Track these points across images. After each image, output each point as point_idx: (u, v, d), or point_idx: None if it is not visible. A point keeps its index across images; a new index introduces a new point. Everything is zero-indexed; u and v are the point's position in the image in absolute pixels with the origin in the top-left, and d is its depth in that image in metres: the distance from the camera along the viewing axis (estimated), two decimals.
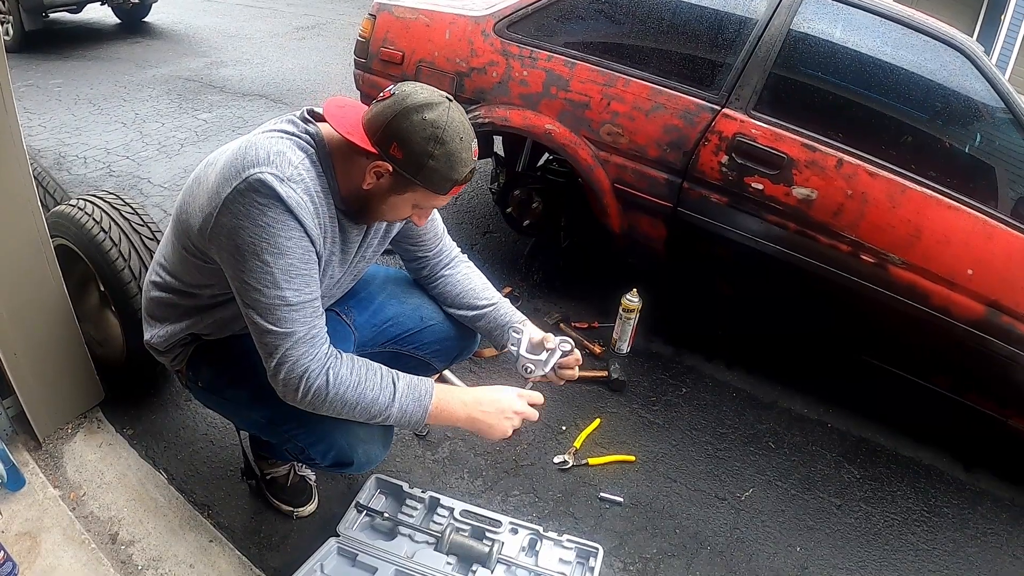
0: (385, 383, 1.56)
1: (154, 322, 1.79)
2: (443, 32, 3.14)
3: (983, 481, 2.82)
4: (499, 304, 1.95)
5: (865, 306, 2.69)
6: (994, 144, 2.76)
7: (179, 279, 1.67)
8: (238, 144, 1.49)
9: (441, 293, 2.00)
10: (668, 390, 2.99)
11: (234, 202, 1.39)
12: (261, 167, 1.39)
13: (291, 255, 1.43)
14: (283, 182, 1.40)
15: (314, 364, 1.48)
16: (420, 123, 1.41)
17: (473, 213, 4.25)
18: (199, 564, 1.95)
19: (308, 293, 1.48)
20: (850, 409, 3.05)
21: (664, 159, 2.81)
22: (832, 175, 2.59)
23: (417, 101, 1.42)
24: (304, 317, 1.47)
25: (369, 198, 1.54)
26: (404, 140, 1.42)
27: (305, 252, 1.46)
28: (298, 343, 1.47)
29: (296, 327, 1.46)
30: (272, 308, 1.44)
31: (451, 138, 1.43)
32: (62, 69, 6.16)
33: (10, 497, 2.00)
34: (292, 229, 1.41)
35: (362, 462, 1.72)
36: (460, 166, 1.47)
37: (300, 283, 1.46)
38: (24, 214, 1.95)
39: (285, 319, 1.45)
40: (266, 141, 1.46)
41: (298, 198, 1.41)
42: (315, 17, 9.37)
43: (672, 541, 2.29)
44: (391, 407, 1.56)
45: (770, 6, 2.78)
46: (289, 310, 1.45)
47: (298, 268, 1.45)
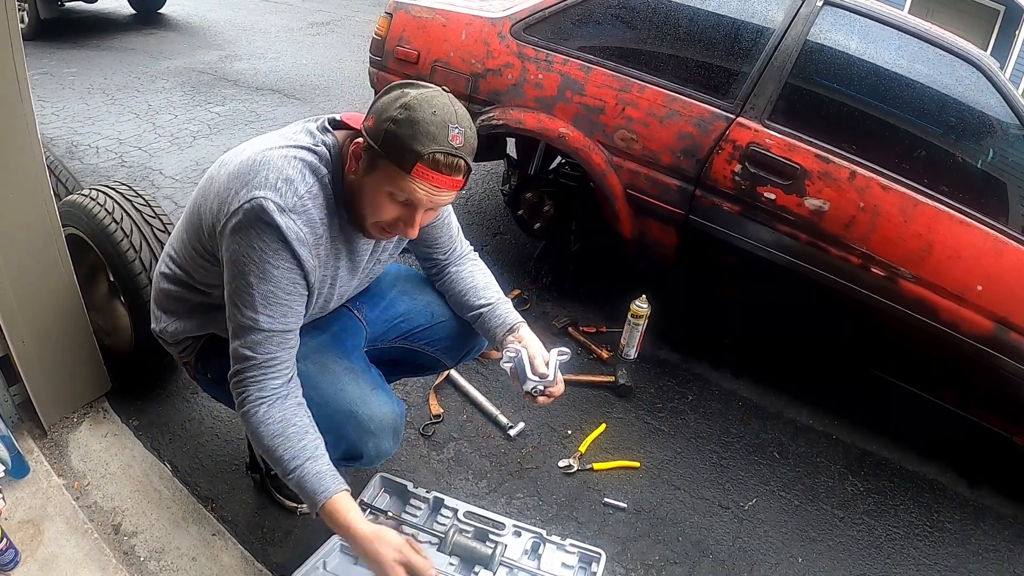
0: (299, 455, 1.50)
1: (163, 315, 1.80)
2: (459, 33, 3.14)
3: (987, 497, 2.81)
4: (494, 305, 1.92)
5: (874, 319, 2.68)
6: (1007, 160, 2.75)
7: (189, 274, 1.68)
8: (252, 152, 1.50)
9: (445, 291, 2.00)
10: (674, 397, 2.98)
11: (235, 219, 1.42)
12: (267, 192, 1.41)
13: (275, 283, 1.46)
14: (283, 212, 1.41)
15: (256, 392, 1.51)
16: (398, 95, 1.39)
17: (484, 214, 4.25)
18: (201, 557, 1.95)
19: (282, 323, 1.50)
20: (856, 421, 3.04)
21: (677, 166, 2.80)
22: (845, 187, 2.59)
23: (409, 82, 1.42)
24: (269, 345, 1.50)
25: (353, 189, 1.50)
26: (377, 110, 1.41)
27: (291, 284, 1.48)
28: (252, 367, 1.51)
29: (257, 352, 1.50)
30: (243, 327, 1.49)
31: (420, 107, 1.36)
32: (76, 58, 6.18)
33: (14, 485, 2.01)
34: (283, 260, 1.44)
35: (372, 456, 1.72)
36: (424, 137, 1.35)
37: (277, 311, 1.49)
38: (36, 202, 1.95)
39: (251, 341, 1.49)
40: (279, 161, 1.45)
41: (297, 230, 1.43)
42: (329, 13, 9.39)
43: (675, 548, 2.29)
44: (290, 479, 1.52)
45: (787, 16, 2.77)
46: (258, 333, 1.48)
47: (279, 297, 1.47)
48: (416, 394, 2.70)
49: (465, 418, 2.65)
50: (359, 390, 1.69)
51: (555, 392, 1.83)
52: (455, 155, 1.39)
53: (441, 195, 1.45)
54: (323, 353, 1.73)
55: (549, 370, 1.80)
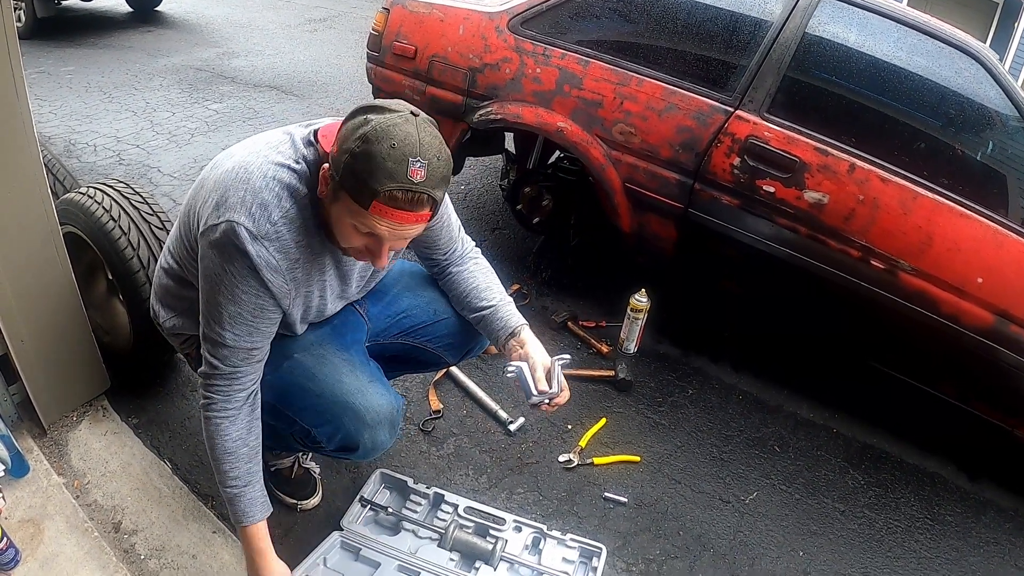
0: (242, 477, 1.62)
1: (163, 309, 1.84)
2: (457, 27, 3.13)
3: (988, 491, 2.81)
4: (496, 308, 1.90)
5: (874, 312, 2.68)
6: (1006, 152, 2.74)
7: (184, 268, 1.69)
8: (236, 162, 1.47)
9: (447, 290, 2.00)
10: (674, 391, 2.98)
11: (211, 235, 1.43)
12: (241, 217, 1.40)
13: (242, 306, 1.48)
14: (255, 240, 1.41)
15: (220, 401, 1.58)
16: (360, 122, 1.31)
17: (483, 209, 4.24)
18: (201, 555, 1.95)
19: (247, 342, 1.54)
20: (856, 415, 3.04)
21: (676, 160, 2.80)
22: (844, 180, 2.58)
23: (374, 103, 1.35)
24: (234, 359, 1.55)
25: (325, 212, 1.46)
26: (340, 138, 1.34)
27: (257, 308, 1.50)
28: (219, 376, 1.56)
29: (224, 364, 1.55)
30: (211, 339, 1.54)
31: (378, 139, 1.27)
32: (73, 56, 6.17)
33: (14, 484, 2.01)
34: (250, 285, 1.46)
35: (368, 448, 1.73)
36: (382, 175, 1.28)
37: (243, 331, 1.52)
38: (34, 201, 1.95)
39: (219, 353, 1.54)
40: (258, 181, 1.42)
41: (268, 257, 1.43)
42: (327, 9, 9.37)
43: (675, 543, 2.29)
44: (226, 491, 1.63)
45: (786, 9, 2.76)
46: (222, 348, 1.53)
47: (245, 318, 1.50)
48: (416, 390, 2.70)
49: (465, 413, 2.65)
50: (357, 382, 1.69)
51: (560, 401, 1.84)
52: (415, 191, 1.31)
53: (405, 229, 1.39)
54: (323, 345, 1.73)
55: (552, 383, 1.80)
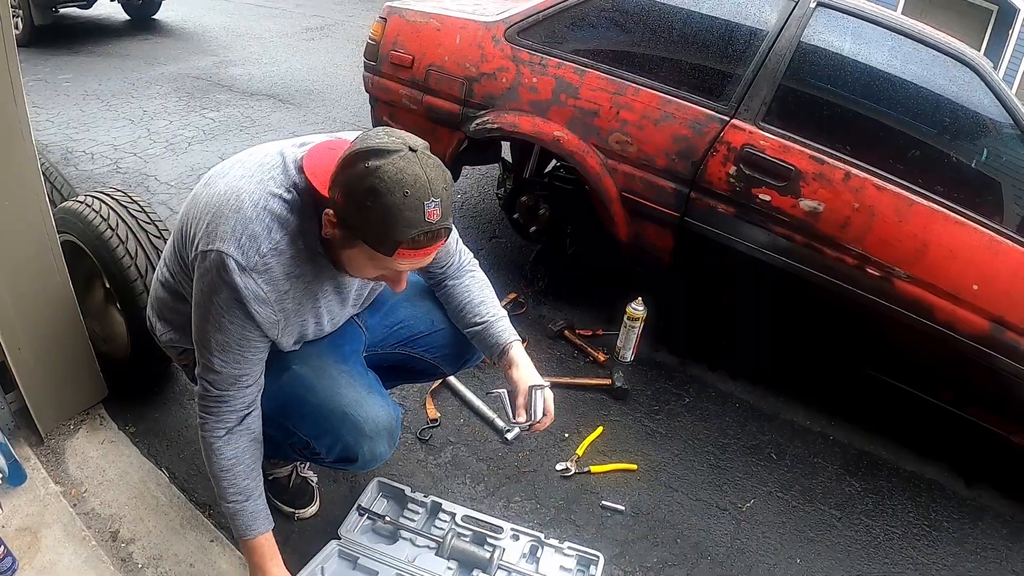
0: (242, 492, 1.65)
1: (159, 322, 1.84)
2: (454, 37, 3.15)
3: (984, 497, 2.81)
4: (489, 324, 1.90)
5: (870, 319, 2.69)
6: (1001, 159, 2.75)
7: (179, 283, 1.69)
8: (230, 184, 1.45)
9: (443, 303, 2.00)
10: (671, 399, 2.98)
11: (200, 262, 1.44)
12: (229, 248, 1.39)
13: (229, 336, 1.49)
14: (244, 272, 1.41)
15: (213, 422, 1.60)
16: (362, 171, 1.27)
17: (479, 218, 4.25)
18: (199, 563, 1.95)
19: (235, 368, 1.55)
20: (853, 422, 3.05)
21: (672, 169, 2.81)
22: (839, 188, 2.59)
23: (370, 145, 1.28)
24: (223, 384, 1.56)
25: (331, 248, 1.48)
26: (345, 189, 1.31)
27: (243, 339, 1.51)
28: (210, 399, 1.58)
29: (215, 387, 1.57)
30: (201, 362, 1.57)
31: (389, 190, 1.25)
32: (71, 64, 6.17)
33: (11, 492, 2.00)
34: (236, 316, 1.47)
35: (367, 459, 1.73)
36: (402, 224, 1.28)
37: (230, 359, 1.53)
38: (32, 209, 1.95)
39: (207, 377, 1.56)
40: (249, 211, 1.40)
41: (256, 290, 1.43)
42: (324, 18, 9.39)
43: (673, 551, 2.29)
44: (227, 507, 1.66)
45: (781, 18, 2.78)
46: (211, 373, 1.55)
47: (231, 347, 1.51)
48: (413, 398, 2.70)
49: (462, 422, 2.65)
50: (355, 393, 1.70)
51: (539, 428, 1.87)
52: (434, 230, 1.32)
53: (425, 260, 1.42)
54: (321, 357, 1.73)
55: (531, 412, 1.82)
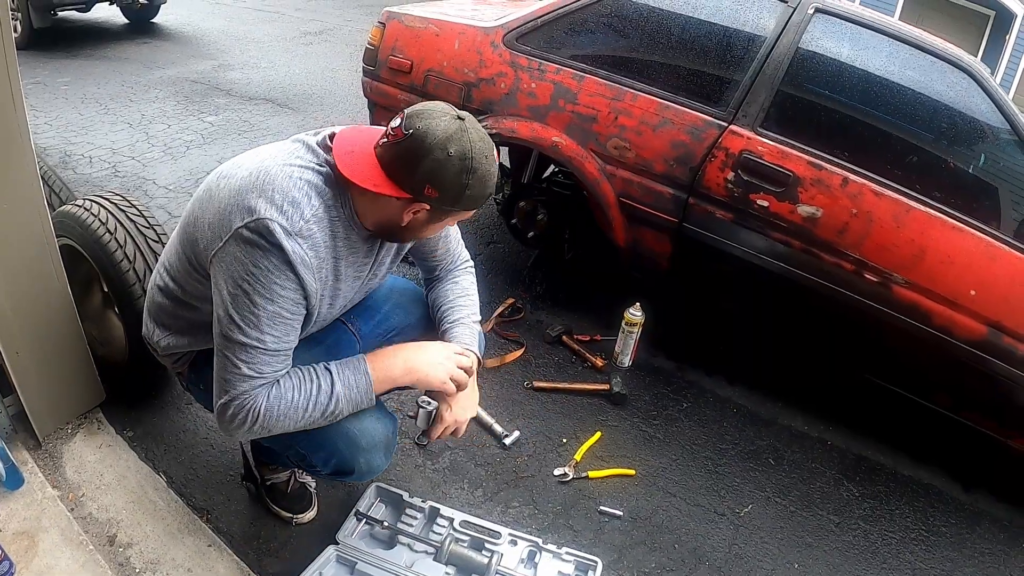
0: (317, 372, 1.57)
1: (157, 328, 1.81)
2: (452, 42, 3.15)
3: (981, 501, 2.82)
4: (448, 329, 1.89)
5: (868, 325, 2.69)
6: (998, 165, 2.76)
7: (182, 288, 1.67)
8: (253, 167, 1.49)
9: (429, 300, 2.01)
10: (669, 404, 2.98)
11: (241, 238, 1.41)
12: (272, 214, 1.41)
13: (281, 303, 1.45)
14: (290, 236, 1.41)
15: (262, 399, 1.50)
16: (447, 161, 1.40)
17: (477, 223, 4.25)
18: (197, 568, 1.95)
19: (286, 342, 1.50)
20: (850, 427, 3.05)
21: (670, 174, 2.81)
22: (837, 194, 2.60)
23: (436, 138, 1.40)
24: (274, 362, 1.50)
25: (408, 229, 1.57)
26: (437, 181, 1.42)
27: (294, 304, 1.48)
28: (260, 387, 1.50)
29: (265, 371, 1.49)
30: (247, 348, 1.46)
31: (479, 163, 1.44)
32: (69, 68, 6.18)
33: (8, 496, 2.00)
34: (288, 281, 1.44)
35: (363, 471, 1.73)
36: (490, 180, 1.49)
37: (282, 331, 1.48)
38: (30, 213, 1.95)
39: (257, 361, 1.48)
40: (284, 181, 1.45)
41: (303, 254, 1.44)
42: (322, 23, 9.40)
43: (671, 556, 2.29)
44: (334, 389, 1.56)
45: (779, 24, 2.79)
46: (263, 353, 1.48)
47: (284, 317, 1.47)
48: (411, 404, 2.69)
49: None
50: None
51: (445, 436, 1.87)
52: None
53: None
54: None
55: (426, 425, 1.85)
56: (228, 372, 1.48)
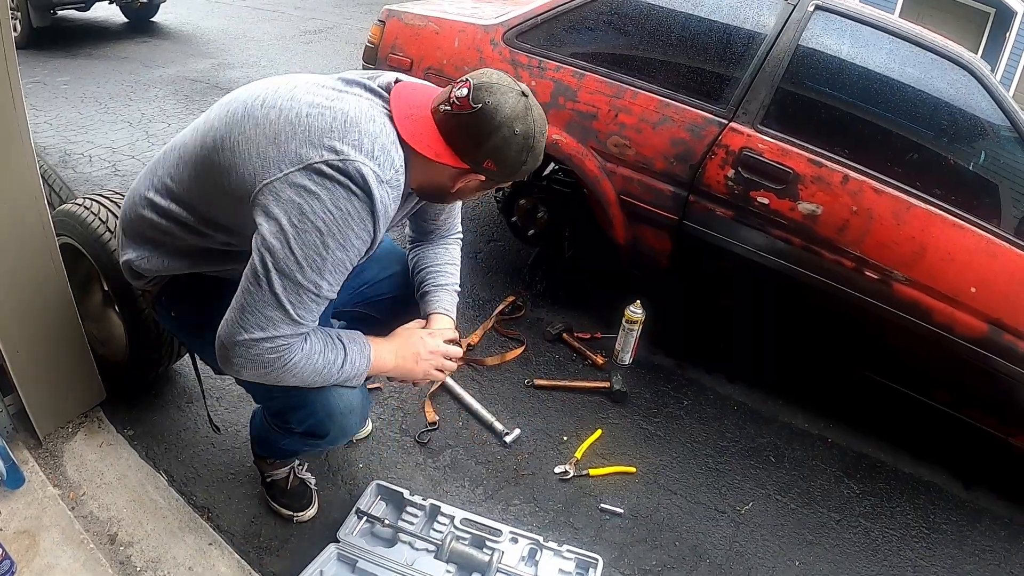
0: (334, 341, 1.55)
1: (141, 246, 1.68)
2: (452, 40, 3.15)
3: (982, 498, 2.82)
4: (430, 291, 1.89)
5: (868, 322, 2.69)
6: (998, 162, 2.76)
7: (193, 211, 1.57)
8: (324, 104, 1.42)
9: (411, 259, 1.99)
10: (670, 402, 2.98)
11: (320, 173, 1.35)
12: (364, 158, 1.36)
13: (350, 252, 1.41)
14: (382, 184, 1.38)
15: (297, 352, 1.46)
16: (513, 139, 1.44)
17: (478, 221, 4.25)
18: (198, 567, 1.95)
19: (334, 292, 1.45)
20: (851, 425, 3.05)
21: (670, 172, 2.81)
22: (838, 191, 2.60)
23: (505, 115, 1.42)
24: (316, 311, 1.45)
25: (456, 195, 1.62)
26: (500, 158, 1.47)
27: (358, 255, 1.44)
28: (298, 335, 1.44)
29: (307, 318, 1.43)
30: (301, 290, 1.39)
31: (538, 140, 1.50)
32: (69, 67, 6.17)
33: (9, 495, 2.00)
34: (365, 231, 1.40)
35: (336, 435, 1.73)
36: (542, 154, 1.54)
37: (337, 280, 1.43)
38: (30, 212, 1.95)
39: (305, 306, 1.41)
40: (369, 125, 1.40)
41: (388, 204, 1.41)
42: (322, 21, 9.38)
43: (672, 553, 2.29)
44: (344, 363, 1.55)
45: (779, 21, 2.78)
46: (314, 300, 1.42)
47: (346, 267, 1.43)
48: (412, 402, 2.69)
49: (461, 425, 2.65)
50: None
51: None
52: None
53: None
54: None
55: None
56: (271, 309, 1.39)
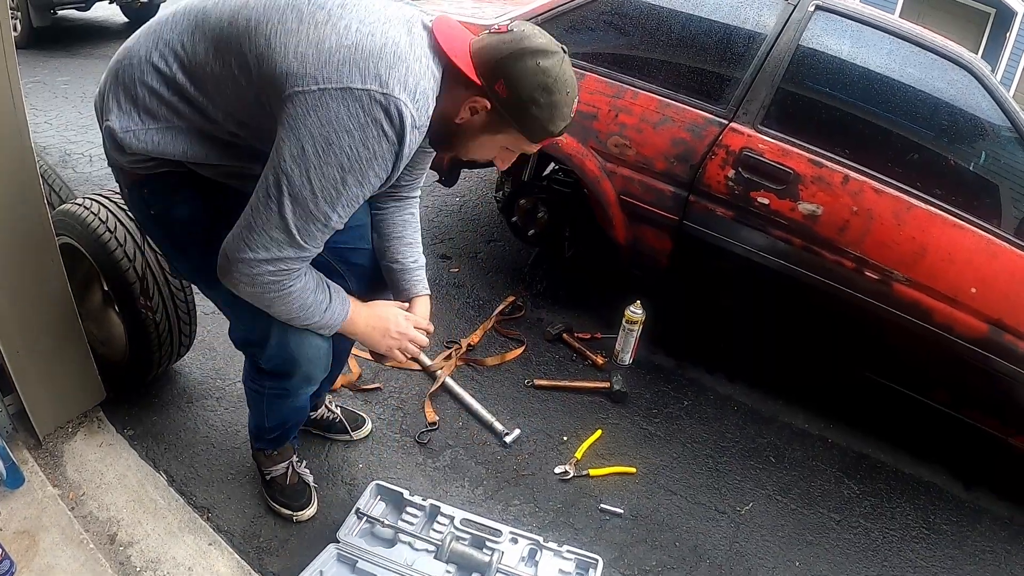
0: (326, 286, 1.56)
1: (134, 113, 1.50)
2: None
3: (983, 499, 2.82)
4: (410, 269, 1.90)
5: (868, 322, 2.69)
6: (999, 162, 2.76)
7: (204, 92, 1.46)
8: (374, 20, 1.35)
9: (376, 224, 1.94)
10: (670, 402, 2.98)
11: (360, 103, 1.29)
12: (406, 98, 1.32)
13: (366, 190, 1.38)
14: (415, 129, 1.36)
15: (297, 282, 1.47)
16: (533, 68, 1.38)
17: (478, 221, 4.25)
18: (198, 567, 1.94)
19: (344, 223, 1.44)
20: (851, 425, 3.05)
21: (671, 172, 2.81)
22: (838, 191, 2.60)
23: (535, 45, 1.39)
24: (320, 242, 1.44)
25: (458, 133, 1.52)
26: (513, 81, 1.39)
27: (373, 191, 1.41)
28: (299, 263, 1.45)
29: (312, 245, 1.42)
30: (310, 218, 1.36)
31: (559, 89, 1.41)
32: (69, 67, 6.17)
33: (9, 495, 1.99)
34: (385, 171, 1.38)
35: (299, 379, 1.77)
36: (559, 120, 1.46)
37: (348, 212, 1.41)
38: (30, 212, 1.94)
39: (310, 234, 1.39)
40: (415, 65, 1.35)
41: (413, 147, 1.39)
42: None
43: (672, 554, 2.28)
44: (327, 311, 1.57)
45: (779, 21, 2.79)
46: (322, 228, 1.40)
47: (359, 202, 1.41)
48: (412, 402, 2.69)
49: (461, 425, 2.64)
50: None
51: None
52: (569, 125, 1.51)
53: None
54: None
55: None
56: (277, 232, 1.37)
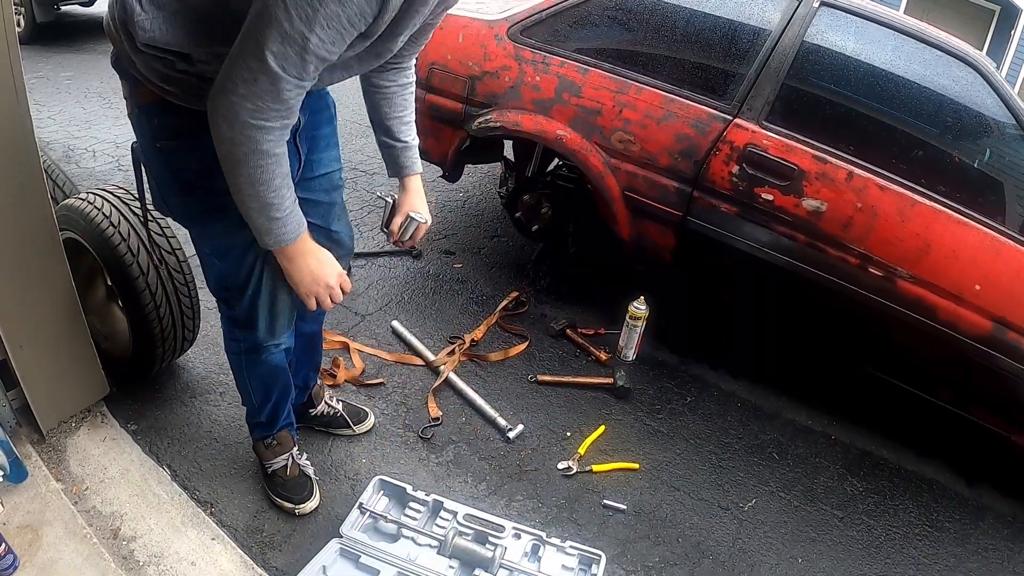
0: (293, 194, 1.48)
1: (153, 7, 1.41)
2: (456, 35, 3.14)
3: (985, 496, 2.81)
4: (407, 147, 1.93)
5: (872, 319, 2.69)
6: (1003, 159, 2.75)
7: None
8: None
9: (374, 95, 1.89)
10: (673, 398, 2.98)
11: None
12: None
13: (347, 7, 1.21)
14: None
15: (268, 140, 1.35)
16: None
17: (481, 217, 4.25)
18: (200, 562, 1.95)
19: (326, 52, 1.27)
20: (854, 422, 3.05)
21: (675, 168, 2.80)
22: (842, 188, 2.59)
23: None
24: (303, 69, 1.28)
25: None
26: None
27: (361, 15, 1.25)
28: (279, 102, 1.31)
29: (288, 72, 1.27)
30: (285, 38, 1.22)
31: None
32: (73, 62, 6.17)
33: (12, 489, 2.00)
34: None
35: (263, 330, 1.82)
36: None
37: (329, 36, 1.24)
38: (34, 207, 1.94)
39: (287, 57, 1.25)
40: None
41: None
42: None
43: (674, 550, 2.28)
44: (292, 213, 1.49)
45: (784, 17, 2.78)
46: (299, 52, 1.25)
47: (342, 23, 1.23)
48: (415, 397, 2.70)
49: (464, 420, 2.65)
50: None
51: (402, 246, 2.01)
52: None
53: None
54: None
55: (400, 231, 1.94)
56: (252, 59, 1.26)
